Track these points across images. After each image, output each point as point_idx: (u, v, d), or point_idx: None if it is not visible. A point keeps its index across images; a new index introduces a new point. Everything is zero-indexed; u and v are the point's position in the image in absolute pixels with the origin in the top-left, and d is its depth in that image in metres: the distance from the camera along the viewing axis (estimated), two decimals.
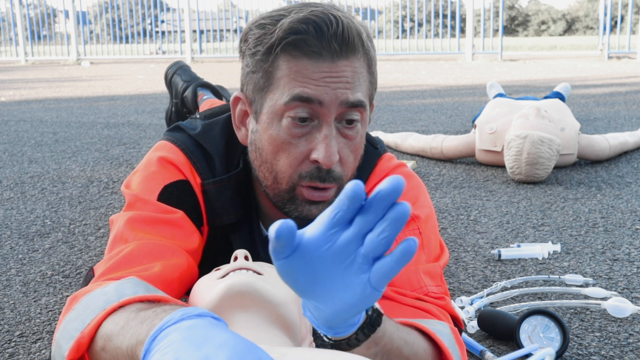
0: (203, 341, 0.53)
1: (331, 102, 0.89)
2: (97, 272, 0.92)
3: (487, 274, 1.54)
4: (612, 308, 1.27)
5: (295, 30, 0.88)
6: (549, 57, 11.50)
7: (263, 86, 0.94)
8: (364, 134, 0.97)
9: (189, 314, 0.58)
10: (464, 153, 2.76)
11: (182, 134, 1.07)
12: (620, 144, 2.80)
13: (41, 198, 2.30)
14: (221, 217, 1.03)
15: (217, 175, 1.03)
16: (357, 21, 0.92)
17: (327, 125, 0.90)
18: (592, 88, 5.82)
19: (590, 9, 50.72)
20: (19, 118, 4.51)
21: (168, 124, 2.53)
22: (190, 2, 12.42)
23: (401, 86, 6.48)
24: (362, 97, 0.92)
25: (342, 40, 0.89)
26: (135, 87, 6.93)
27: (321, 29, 0.88)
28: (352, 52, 0.90)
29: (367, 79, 0.94)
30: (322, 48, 0.89)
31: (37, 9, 15.52)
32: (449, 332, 0.89)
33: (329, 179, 0.93)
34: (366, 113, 0.95)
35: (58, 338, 0.83)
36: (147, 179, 1.01)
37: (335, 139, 0.91)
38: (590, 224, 1.91)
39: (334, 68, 0.89)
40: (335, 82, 0.89)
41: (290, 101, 0.90)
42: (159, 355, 0.54)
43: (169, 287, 0.91)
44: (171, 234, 0.97)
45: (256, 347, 0.54)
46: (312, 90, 0.89)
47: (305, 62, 0.89)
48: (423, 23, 12.36)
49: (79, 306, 0.84)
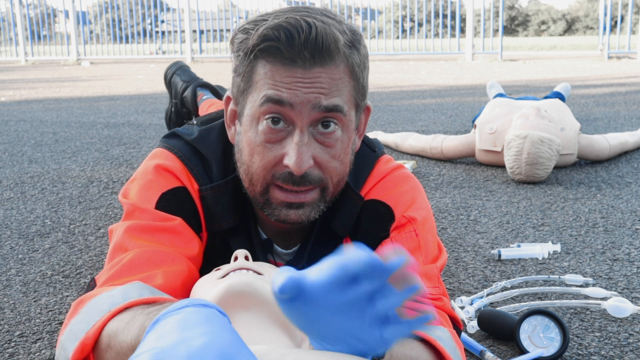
0: (190, 326, 0.53)
1: (302, 105, 0.89)
2: (99, 281, 0.93)
3: (487, 274, 1.54)
4: (612, 308, 1.27)
5: (267, 38, 0.89)
6: (549, 57, 11.50)
7: (244, 89, 0.95)
8: (348, 141, 0.96)
9: (194, 302, 0.59)
10: (464, 153, 2.76)
11: (178, 140, 1.07)
12: (620, 144, 2.80)
13: (41, 198, 2.30)
14: (220, 222, 1.03)
15: (215, 180, 1.03)
16: (337, 27, 0.91)
17: (299, 131, 0.90)
18: (592, 88, 5.82)
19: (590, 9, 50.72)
20: (19, 118, 4.51)
21: (168, 124, 2.53)
22: (190, 2, 12.42)
23: (401, 86, 6.48)
24: (339, 102, 0.91)
25: (315, 47, 0.88)
26: (135, 87, 6.93)
27: (292, 36, 0.88)
28: (328, 59, 0.89)
29: (350, 85, 0.93)
30: (294, 55, 0.88)
31: (37, 9, 15.52)
32: (449, 336, 0.89)
33: (303, 182, 0.93)
34: (347, 119, 0.94)
35: (63, 341, 0.83)
36: (145, 188, 1.01)
37: (307, 145, 0.90)
38: (590, 224, 1.91)
39: (307, 74, 0.89)
40: (307, 87, 0.89)
41: (264, 103, 0.91)
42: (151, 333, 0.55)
43: (174, 295, 0.91)
44: (170, 241, 0.97)
45: (242, 345, 0.54)
46: (283, 92, 0.89)
47: (278, 67, 0.90)
48: (423, 23, 12.36)
49: (85, 309, 0.84)
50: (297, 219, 0.96)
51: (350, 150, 0.98)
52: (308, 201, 0.95)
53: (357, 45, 0.94)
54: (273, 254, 1.09)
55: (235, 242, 1.05)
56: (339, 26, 0.92)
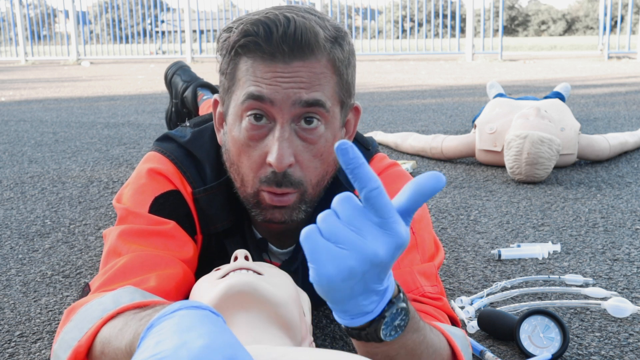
0: (187, 329, 0.53)
1: (283, 101, 0.89)
2: (93, 286, 0.92)
3: (487, 274, 1.54)
4: (612, 308, 1.27)
5: (247, 33, 0.89)
6: (549, 57, 11.50)
7: (228, 87, 0.95)
8: (333, 139, 0.96)
9: (186, 305, 0.59)
10: (464, 153, 2.76)
11: (171, 143, 1.07)
12: (620, 144, 2.80)
13: (41, 198, 2.30)
14: (215, 224, 1.03)
15: (208, 182, 1.03)
16: (318, 22, 0.90)
17: (280, 127, 0.90)
18: (592, 88, 5.82)
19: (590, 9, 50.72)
20: (19, 118, 4.51)
21: (168, 124, 2.53)
22: (190, 2, 12.42)
23: (401, 86, 6.48)
24: (320, 97, 0.91)
25: (294, 41, 0.88)
26: (135, 87, 6.93)
27: (270, 31, 0.88)
28: (308, 53, 0.89)
29: (333, 80, 0.93)
30: (273, 49, 0.88)
31: (37, 9, 15.52)
32: (462, 335, 0.89)
33: (285, 183, 0.93)
34: (330, 115, 0.93)
35: (56, 349, 0.83)
36: (138, 192, 1.01)
37: (288, 141, 0.90)
38: (590, 224, 1.91)
39: (287, 69, 0.89)
40: (287, 82, 0.89)
41: (245, 100, 0.91)
42: (147, 340, 0.55)
43: (167, 298, 0.91)
44: (164, 245, 0.97)
45: (239, 345, 0.54)
46: (264, 88, 0.89)
47: (259, 62, 0.90)
48: (423, 23, 12.36)
49: (77, 317, 0.84)
50: (281, 217, 0.96)
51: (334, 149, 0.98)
52: (289, 204, 0.95)
53: (341, 41, 0.93)
54: (268, 254, 1.09)
55: (231, 243, 1.05)
56: (321, 22, 0.91)
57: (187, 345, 0.50)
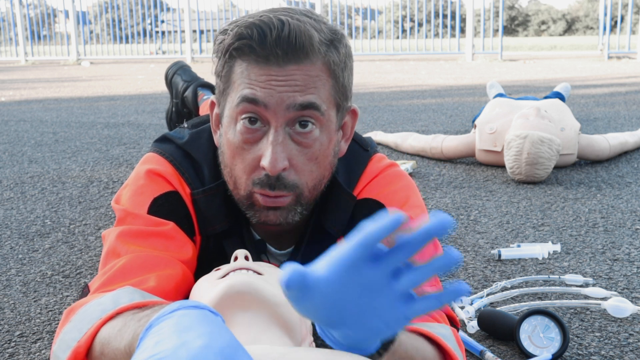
0: (186, 329, 0.53)
1: (277, 105, 0.89)
2: (92, 287, 0.92)
3: (487, 274, 1.54)
4: (612, 308, 1.27)
5: (241, 36, 0.89)
6: (549, 57, 11.50)
7: (223, 89, 0.95)
8: (328, 142, 0.95)
9: (185, 305, 0.59)
10: (464, 153, 2.76)
11: (169, 144, 1.07)
12: (620, 144, 2.80)
13: (41, 198, 2.30)
14: (213, 225, 1.03)
15: (207, 183, 1.03)
16: (314, 25, 0.90)
17: (274, 131, 0.90)
18: (592, 88, 5.82)
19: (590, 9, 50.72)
20: (19, 118, 4.51)
21: (168, 124, 2.53)
22: (190, 2, 12.41)
23: (401, 86, 6.48)
24: (315, 100, 0.90)
25: (288, 44, 0.88)
26: (135, 87, 6.93)
27: (264, 34, 0.88)
28: (302, 56, 0.89)
29: (329, 83, 0.92)
30: (267, 53, 0.88)
31: (37, 9, 15.52)
32: (451, 334, 0.89)
33: (279, 186, 0.92)
34: (326, 118, 0.93)
35: (56, 350, 0.83)
36: (136, 193, 1.01)
37: (282, 145, 0.90)
38: (590, 224, 1.91)
39: (281, 72, 0.89)
40: (281, 85, 0.89)
41: (239, 103, 0.91)
42: (147, 340, 0.55)
43: (166, 298, 0.91)
44: (163, 246, 0.97)
45: (238, 345, 0.54)
46: (258, 92, 0.89)
47: (253, 65, 0.90)
48: (423, 23, 12.36)
49: (76, 318, 0.84)
50: (275, 219, 0.96)
51: (330, 153, 0.97)
52: (284, 205, 0.95)
53: (337, 44, 0.93)
54: (267, 255, 1.09)
55: (229, 245, 1.05)
56: (317, 25, 0.91)
57: (186, 345, 0.50)
